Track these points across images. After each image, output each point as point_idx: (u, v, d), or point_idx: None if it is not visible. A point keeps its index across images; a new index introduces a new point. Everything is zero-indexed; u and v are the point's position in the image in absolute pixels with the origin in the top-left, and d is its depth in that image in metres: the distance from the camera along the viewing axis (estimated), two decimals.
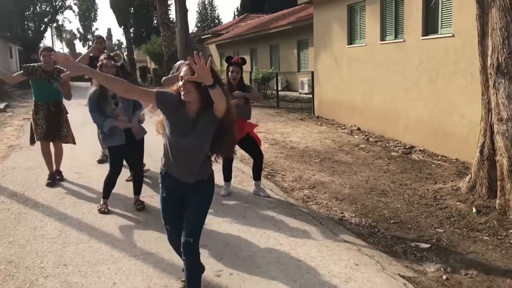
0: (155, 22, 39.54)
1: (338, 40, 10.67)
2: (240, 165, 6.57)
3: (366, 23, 9.54)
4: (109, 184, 4.78)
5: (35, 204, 4.97)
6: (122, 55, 5.29)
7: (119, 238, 4.04)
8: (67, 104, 6.04)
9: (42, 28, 38.66)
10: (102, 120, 4.57)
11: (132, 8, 40.55)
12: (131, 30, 40.24)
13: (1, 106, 15.45)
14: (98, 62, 4.66)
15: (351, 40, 10.30)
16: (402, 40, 8.24)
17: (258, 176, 5.30)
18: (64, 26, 59.84)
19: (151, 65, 36.93)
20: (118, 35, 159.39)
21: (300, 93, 17.38)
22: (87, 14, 66.41)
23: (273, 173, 6.45)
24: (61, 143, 5.90)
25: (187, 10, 19.33)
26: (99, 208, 4.74)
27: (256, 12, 34.38)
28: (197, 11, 59.80)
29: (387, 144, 8.23)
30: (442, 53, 7.17)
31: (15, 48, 31.65)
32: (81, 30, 69.38)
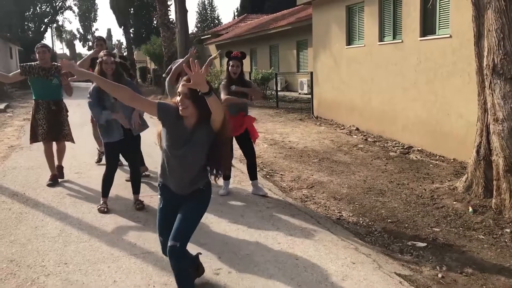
0: (155, 23, 39.56)
1: (337, 40, 10.73)
2: (239, 165, 6.62)
3: (364, 24, 9.59)
4: (107, 182, 4.82)
5: (36, 204, 5.02)
6: (121, 51, 5.33)
7: (119, 237, 4.08)
8: (67, 104, 6.08)
9: (42, 29, 38.77)
10: (100, 112, 4.62)
11: (132, 9, 40.61)
12: (131, 30, 40.30)
13: (1, 106, 15.52)
14: (99, 59, 4.71)
15: (349, 41, 10.35)
16: (400, 41, 8.29)
17: (254, 176, 5.35)
18: (64, 26, 59.87)
19: (151, 66, 36.99)
20: (118, 35, 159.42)
21: (300, 94, 17.44)
22: (87, 14, 66.47)
23: (272, 173, 6.50)
24: (63, 141, 5.93)
25: (186, 11, 19.37)
26: (99, 207, 4.78)
27: (256, 13, 34.44)
28: (197, 12, 60.00)
29: (385, 144, 8.28)
30: (439, 54, 7.22)
31: (15, 49, 31.68)
32: (81, 30, 69.53)
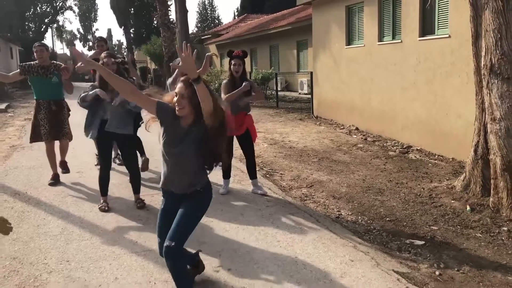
0: (155, 23, 39.61)
1: (337, 40, 10.77)
2: (239, 164, 6.66)
3: (364, 24, 9.63)
4: (103, 180, 4.86)
5: (38, 203, 5.07)
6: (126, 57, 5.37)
7: (120, 235, 4.13)
8: (68, 104, 6.12)
9: (42, 29, 38.84)
10: (86, 94, 4.69)
11: (132, 9, 40.68)
12: (131, 30, 40.36)
13: (2, 106, 15.57)
14: (99, 61, 4.75)
15: (349, 41, 10.39)
16: (400, 41, 8.33)
17: (253, 175, 5.40)
18: (64, 26, 60.00)
19: (151, 66, 37.03)
20: (118, 35, 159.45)
21: (300, 93, 17.48)
22: (87, 14, 66.50)
23: (271, 172, 6.54)
24: (66, 141, 5.97)
25: (187, 11, 19.42)
26: (99, 206, 4.83)
27: (256, 13, 34.48)
28: (197, 12, 59.95)
29: (385, 144, 8.32)
30: (438, 54, 7.26)
31: (15, 49, 31.74)
32: (81, 30, 69.48)
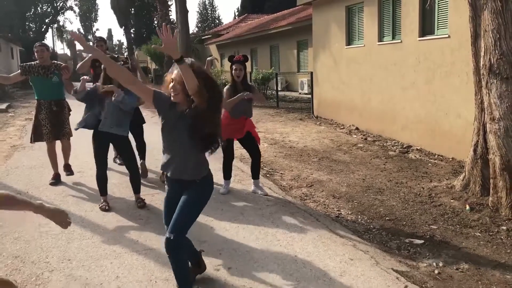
0: (155, 23, 39.64)
1: (337, 40, 10.79)
2: (239, 164, 6.68)
3: (364, 24, 9.65)
4: (100, 179, 4.88)
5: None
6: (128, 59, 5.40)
7: (121, 235, 4.15)
8: (69, 104, 6.15)
9: (43, 29, 38.89)
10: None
11: (133, 9, 40.72)
12: (131, 30, 40.40)
13: (3, 106, 15.61)
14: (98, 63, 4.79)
15: (349, 41, 10.41)
16: (400, 41, 8.35)
17: (256, 175, 5.42)
18: (65, 26, 60.02)
19: (152, 66, 37.06)
20: (119, 35, 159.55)
21: (300, 93, 17.50)
22: (88, 14, 66.61)
23: (272, 172, 6.56)
24: (66, 140, 5.98)
25: (187, 11, 19.43)
26: (100, 206, 4.86)
27: (256, 13, 34.51)
28: (197, 12, 60.01)
29: (385, 144, 8.34)
30: (438, 54, 7.28)
31: (16, 49, 31.80)
32: (82, 30, 69.54)
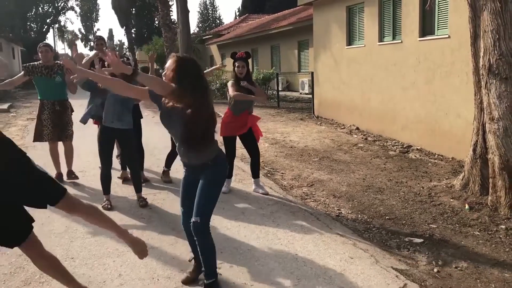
0: (156, 23, 39.73)
1: (337, 41, 10.82)
2: (240, 164, 6.72)
3: (364, 24, 9.69)
4: (105, 177, 4.91)
5: None
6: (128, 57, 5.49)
7: None
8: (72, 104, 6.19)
9: (44, 29, 38.97)
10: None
11: (134, 9, 40.77)
12: (132, 30, 40.44)
13: (4, 106, 15.66)
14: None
15: (350, 41, 10.45)
16: (400, 41, 8.39)
17: (256, 174, 5.46)
18: (66, 26, 60.19)
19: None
20: (119, 35, 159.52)
21: (301, 93, 17.53)
22: (89, 14, 66.64)
23: (273, 171, 6.60)
24: (69, 142, 6.01)
25: (188, 11, 19.45)
26: (102, 205, 4.89)
27: (257, 13, 34.54)
28: (198, 12, 60.01)
29: (385, 143, 8.38)
30: (438, 54, 7.32)
31: (17, 49, 31.88)
32: (82, 30, 69.60)
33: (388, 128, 8.87)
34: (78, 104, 7.87)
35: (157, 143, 5.82)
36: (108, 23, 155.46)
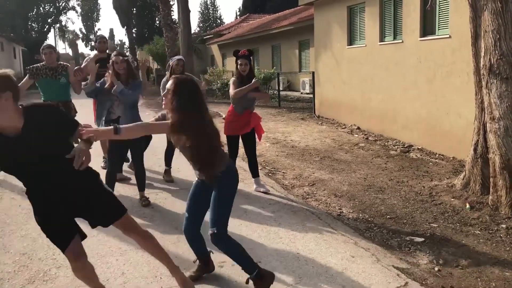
0: (157, 23, 39.76)
1: (338, 40, 10.84)
2: (241, 163, 6.74)
3: (365, 24, 9.71)
4: (109, 177, 4.94)
5: None
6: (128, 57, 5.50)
7: None
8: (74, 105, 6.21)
9: (45, 29, 39.00)
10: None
11: (135, 9, 40.79)
12: (133, 30, 40.46)
13: None
14: (110, 61, 4.86)
15: (351, 41, 10.47)
16: (401, 41, 8.41)
17: (256, 173, 5.49)
18: (67, 26, 60.25)
19: (154, 66, 37.13)
20: (120, 35, 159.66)
21: (302, 93, 17.55)
22: (90, 14, 66.74)
23: (274, 171, 6.62)
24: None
25: (189, 11, 19.47)
26: None
27: (258, 13, 34.55)
28: (199, 11, 59.99)
29: (386, 143, 8.39)
30: (439, 54, 7.33)
31: (18, 49, 31.94)
32: (83, 30, 69.74)
33: (389, 127, 8.89)
34: (79, 104, 7.90)
35: (159, 143, 5.84)
36: (109, 22, 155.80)
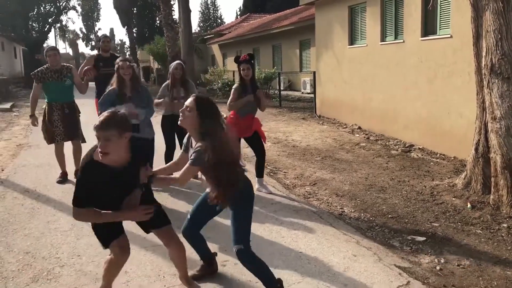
0: (157, 23, 39.76)
1: (339, 40, 10.85)
2: (243, 163, 6.75)
3: (366, 24, 9.72)
4: None
5: (47, 200, 5.18)
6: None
7: (129, 231, 4.19)
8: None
9: (46, 29, 38.98)
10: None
11: (135, 9, 40.80)
12: (134, 30, 40.48)
13: (7, 105, 15.72)
14: (115, 65, 4.87)
15: (352, 41, 10.48)
16: (402, 41, 8.42)
17: (260, 173, 5.50)
18: (67, 26, 60.28)
19: (154, 65, 37.17)
20: (121, 35, 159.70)
21: (302, 93, 17.56)
22: (90, 14, 66.74)
23: (275, 170, 6.64)
24: (79, 141, 5.99)
25: (190, 11, 19.50)
26: None
27: (259, 12, 34.55)
28: (199, 11, 60.01)
29: (387, 143, 8.41)
30: (440, 54, 7.34)
31: (19, 48, 31.92)
32: (84, 30, 69.73)
33: (390, 127, 8.90)
34: (81, 104, 7.93)
35: (162, 143, 5.86)
36: (109, 22, 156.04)
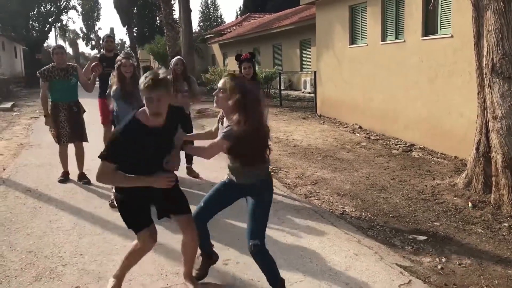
0: (158, 22, 39.78)
1: (340, 40, 10.86)
2: None
3: (367, 23, 9.72)
4: None
5: (49, 199, 5.19)
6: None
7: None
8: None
9: (46, 28, 38.97)
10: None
11: (135, 8, 40.82)
12: (134, 29, 40.51)
13: (8, 105, 15.74)
14: (117, 62, 4.87)
15: (352, 40, 10.48)
16: (403, 40, 8.42)
17: None
18: (67, 26, 60.31)
19: (155, 65, 37.18)
20: (121, 34, 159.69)
21: (303, 92, 17.57)
22: (90, 13, 66.77)
23: (276, 170, 6.65)
24: (81, 143, 5.97)
25: (190, 10, 19.52)
26: (110, 202, 4.94)
27: (259, 12, 34.55)
28: (199, 11, 60.03)
29: (388, 142, 8.42)
30: (441, 53, 7.35)
31: (19, 48, 31.90)
32: (84, 29, 69.78)
33: (391, 127, 8.91)
34: (84, 103, 7.94)
35: None
36: (109, 22, 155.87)
